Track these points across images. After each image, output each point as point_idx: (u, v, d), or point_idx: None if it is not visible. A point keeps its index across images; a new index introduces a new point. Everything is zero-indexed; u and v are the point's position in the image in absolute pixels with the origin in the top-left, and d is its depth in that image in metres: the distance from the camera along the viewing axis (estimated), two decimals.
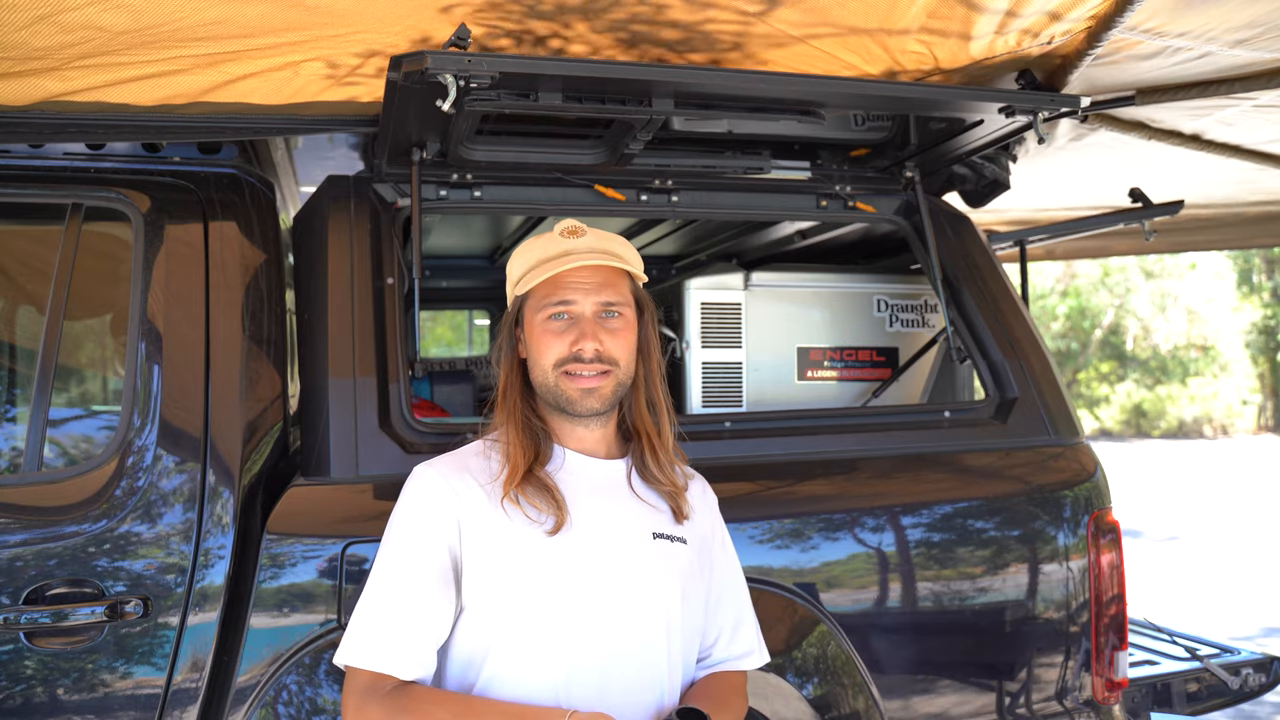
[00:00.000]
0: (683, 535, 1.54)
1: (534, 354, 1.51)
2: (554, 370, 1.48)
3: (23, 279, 2.03)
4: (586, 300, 1.49)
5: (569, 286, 1.48)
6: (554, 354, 1.48)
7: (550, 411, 1.54)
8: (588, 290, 1.49)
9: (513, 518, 1.44)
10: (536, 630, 1.42)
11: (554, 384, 1.48)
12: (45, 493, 1.78)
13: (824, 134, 2.31)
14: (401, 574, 1.42)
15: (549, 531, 1.43)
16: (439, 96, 1.67)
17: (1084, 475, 2.23)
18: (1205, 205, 3.77)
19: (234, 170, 2.08)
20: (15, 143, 1.97)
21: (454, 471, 1.49)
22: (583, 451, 1.54)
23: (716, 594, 1.62)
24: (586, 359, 1.47)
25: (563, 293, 1.48)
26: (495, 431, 1.56)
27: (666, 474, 1.55)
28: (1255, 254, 21.06)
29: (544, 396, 1.52)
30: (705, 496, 1.65)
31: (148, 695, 1.72)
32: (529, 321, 1.52)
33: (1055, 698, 2.15)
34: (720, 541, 1.65)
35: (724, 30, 1.85)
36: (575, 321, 1.49)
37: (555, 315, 1.49)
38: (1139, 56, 2.02)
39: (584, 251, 1.49)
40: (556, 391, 1.48)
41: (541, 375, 1.50)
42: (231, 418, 1.86)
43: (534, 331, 1.51)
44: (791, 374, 2.54)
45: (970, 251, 2.44)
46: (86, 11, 1.55)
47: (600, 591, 1.44)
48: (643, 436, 1.57)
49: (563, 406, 1.49)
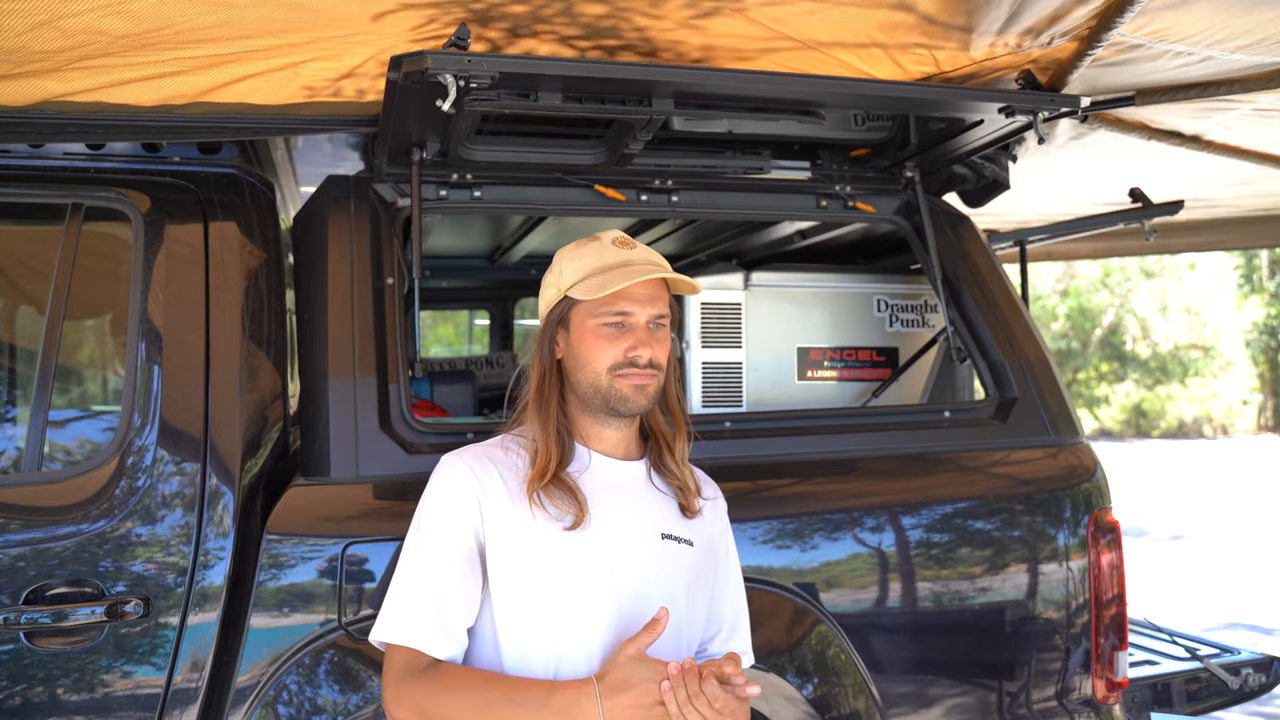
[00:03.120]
0: (690, 537, 1.59)
1: (584, 356, 1.55)
2: (608, 374, 1.53)
3: (23, 279, 2.03)
4: (643, 312, 1.55)
5: (629, 298, 1.54)
6: (609, 358, 1.53)
7: (581, 412, 1.59)
8: (643, 302, 1.55)
9: (534, 513, 1.49)
10: (548, 621, 1.47)
11: (606, 385, 1.53)
12: (45, 493, 1.78)
13: (824, 134, 2.31)
14: (432, 555, 1.48)
15: (567, 528, 1.48)
16: (439, 96, 1.67)
17: (1084, 475, 2.23)
18: (1205, 206, 3.77)
19: (234, 170, 2.08)
20: (15, 143, 1.97)
21: (479, 461, 1.54)
22: (605, 453, 1.59)
23: (720, 595, 1.67)
24: (641, 365, 1.53)
25: (623, 303, 1.54)
26: (518, 428, 1.62)
27: (679, 470, 1.61)
28: (1257, 254, 21.06)
29: (589, 397, 1.56)
30: (717, 505, 1.70)
31: (148, 695, 1.72)
32: (578, 325, 1.56)
33: (1055, 698, 2.15)
34: (726, 548, 1.70)
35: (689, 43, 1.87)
36: (630, 330, 1.55)
37: (612, 324, 1.54)
38: (1139, 59, 2.02)
39: (642, 264, 1.55)
40: (609, 391, 1.53)
41: (592, 376, 1.54)
42: (231, 418, 1.87)
43: (585, 335, 1.55)
44: (791, 374, 2.54)
45: (970, 251, 2.44)
46: (87, 17, 1.55)
47: (613, 586, 1.49)
48: (659, 437, 1.63)
49: (613, 405, 1.54)
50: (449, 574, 1.46)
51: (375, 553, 1.80)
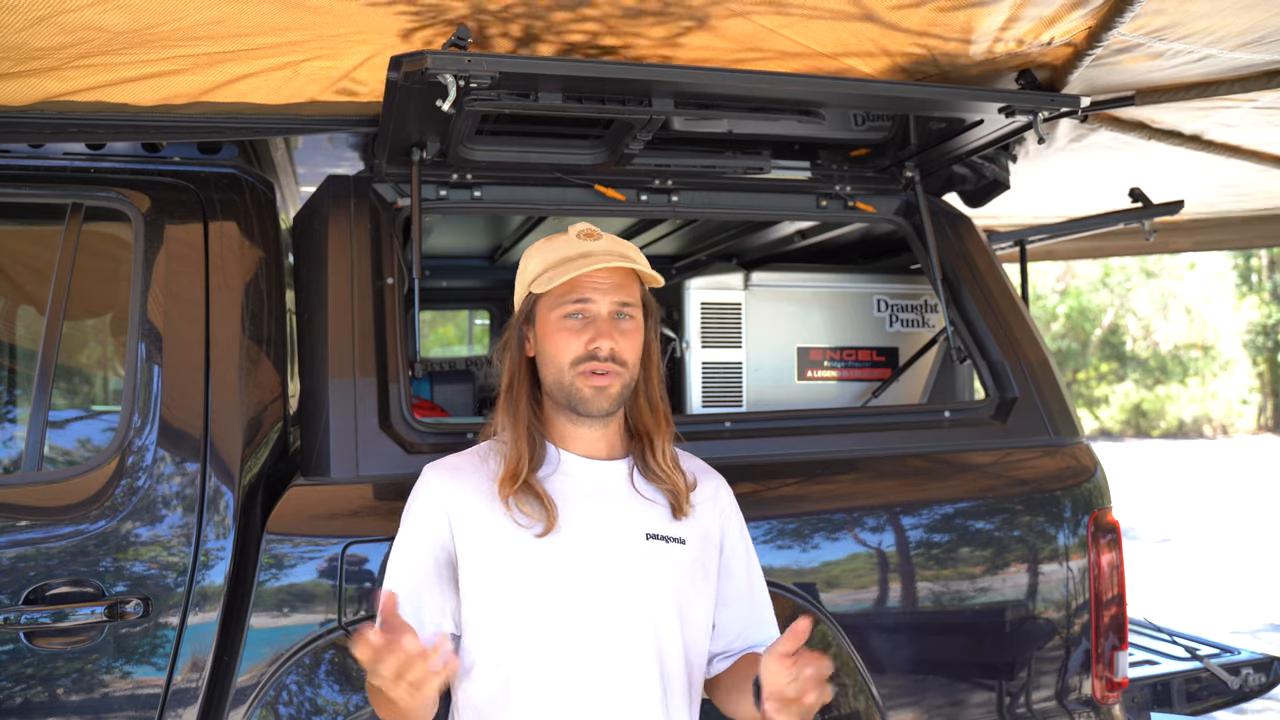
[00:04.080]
0: (681, 535, 1.55)
1: (549, 352, 1.53)
2: (570, 369, 1.50)
3: (23, 279, 2.03)
4: (604, 300, 1.52)
5: (587, 286, 1.51)
6: (571, 352, 1.50)
7: (555, 411, 1.56)
8: (604, 290, 1.52)
9: (505, 520, 1.47)
10: (523, 629, 1.45)
11: (569, 382, 1.50)
12: (45, 493, 1.78)
13: (824, 134, 2.31)
14: (404, 568, 1.49)
15: (537, 535, 1.46)
16: (439, 96, 1.67)
17: (1084, 475, 2.23)
18: (1205, 206, 3.77)
19: (234, 170, 2.08)
20: (15, 143, 1.97)
21: (450, 473, 1.54)
22: (583, 453, 1.56)
23: (736, 589, 1.63)
24: (602, 357, 1.49)
25: (581, 291, 1.51)
26: (499, 433, 1.58)
27: (666, 471, 1.57)
28: (1255, 254, 21.06)
29: (555, 395, 1.54)
30: (718, 497, 1.66)
31: (148, 695, 1.72)
32: (543, 320, 1.54)
33: (1055, 697, 2.15)
34: (732, 536, 1.65)
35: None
36: (591, 320, 1.51)
37: (572, 314, 1.51)
38: (1139, 58, 2.02)
39: (602, 253, 1.52)
40: (571, 390, 1.51)
41: (556, 373, 1.52)
42: (231, 418, 1.86)
43: (549, 329, 1.53)
44: (791, 374, 2.54)
45: (970, 251, 2.44)
46: (86, 13, 1.55)
47: (585, 593, 1.47)
48: (643, 436, 1.59)
49: (574, 405, 1.51)
50: (421, 586, 1.47)
51: (375, 553, 1.80)
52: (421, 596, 1.47)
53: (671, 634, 1.51)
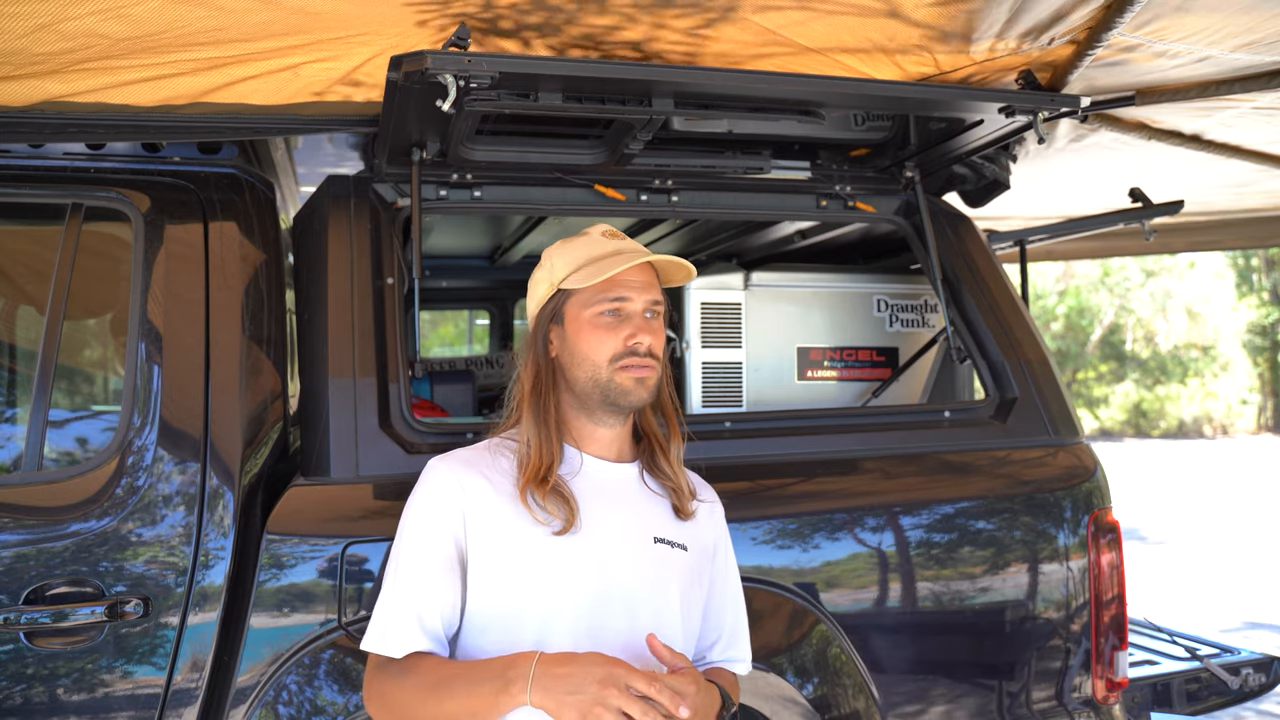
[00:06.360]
0: (683, 542, 1.56)
1: (582, 350, 1.51)
2: (609, 365, 1.50)
3: (23, 279, 2.03)
4: (639, 297, 1.52)
5: (624, 284, 1.51)
6: (609, 349, 1.49)
7: (574, 411, 1.56)
8: (639, 288, 1.52)
9: (522, 517, 1.46)
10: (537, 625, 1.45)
11: (606, 379, 1.50)
12: (45, 492, 1.78)
13: (824, 134, 2.31)
14: (413, 564, 1.46)
15: (556, 533, 1.45)
16: (439, 96, 1.67)
17: (1084, 475, 2.23)
18: (1205, 205, 3.77)
19: (234, 170, 2.08)
20: (15, 143, 1.97)
21: (463, 466, 1.51)
22: (598, 455, 1.56)
23: (719, 602, 1.65)
24: (641, 353, 1.50)
25: (618, 290, 1.51)
26: (507, 431, 1.58)
27: (674, 471, 1.59)
28: (1255, 254, 21.05)
29: (588, 393, 1.52)
30: (714, 511, 1.68)
31: (148, 695, 1.72)
32: (573, 318, 1.53)
33: (1055, 697, 2.15)
34: (723, 553, 1.68)
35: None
36: (627, 318, 1.51)
37: (608, 312, 1.51)
38: (1139, 59, 2.02)
39: (633, 252, 1.53)
40: (609, 385, 1.50)
41: (591, 370, 1.50)
42: (231, 418, 1.87)
43: (582, 327, 1.52)
44: (791, 374, 2.54)
45: (970, 251, 2.44)
46: (87, 20, 1.55)
47: (600, 591, 1.47)
48: (652, 438, 1.60)
49: (613, 399, 1.50)
50: (430, 583, 1.44)
51: (375, 553, 1.80)
52: (435, 594, 1.45)
53: (675, 635, 1.52)
